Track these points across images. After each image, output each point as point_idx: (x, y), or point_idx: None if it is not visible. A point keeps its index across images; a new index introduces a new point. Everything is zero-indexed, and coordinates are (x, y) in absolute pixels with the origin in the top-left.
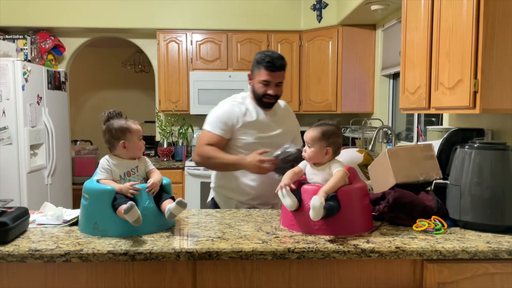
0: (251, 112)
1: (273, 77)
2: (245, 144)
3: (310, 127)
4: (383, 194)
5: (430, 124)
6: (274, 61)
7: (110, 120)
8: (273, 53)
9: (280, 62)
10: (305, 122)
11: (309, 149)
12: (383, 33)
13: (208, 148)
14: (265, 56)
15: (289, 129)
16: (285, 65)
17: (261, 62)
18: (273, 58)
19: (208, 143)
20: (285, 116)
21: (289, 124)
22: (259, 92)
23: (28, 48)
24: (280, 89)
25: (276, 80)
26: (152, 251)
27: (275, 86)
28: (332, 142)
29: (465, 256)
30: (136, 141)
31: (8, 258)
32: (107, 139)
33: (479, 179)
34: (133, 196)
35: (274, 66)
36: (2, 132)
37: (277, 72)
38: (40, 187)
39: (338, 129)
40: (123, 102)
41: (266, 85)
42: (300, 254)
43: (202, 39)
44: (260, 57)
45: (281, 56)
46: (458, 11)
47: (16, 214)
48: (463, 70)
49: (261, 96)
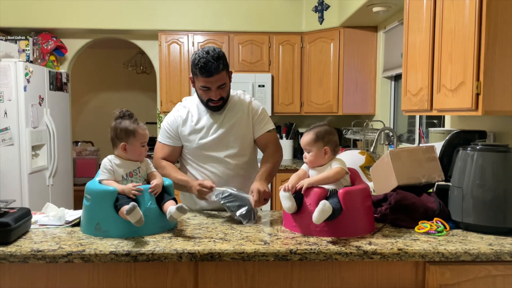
0: (193, 116)
1: (211, 82)
2: (189, 150)
3: (304, 133)
4: (385, 196)
5: (432, 126)
6: (208, 65)
7: (119, 119)
8: (208, 53)
9: (215, 65)
10: (307, 124)
11: (308, 154)
12: (385, 35)
13: (163, 163)
14: (198, 59)
15: (241, 121)
16: (222, 66)
17: (195, 68)
18: (206, 62)
19: (161, 154)
20: (235, 109)
21: (240, 116)
22: (202, 98)
23: (30, 49)
24: (224, 91)
25: (216, 84)
26: (154, 252)
27: (217, 89)
28: (328, 141)
29: (467, 258)
30: (138, 146)
31: (10, 259)
32: (111, 137)
33: (481, 181)
34: (135, 197)
35: (209, 71)
36: (3, 133)
37: (214, 75)
38: (42, 188)
39: (331, 127)
40: (125, 103)
41: (207, 90)
42: (302, 255)
43: (203, 40)
44: (193, 60)
45: (217, 56)
46: (461, 13)
47: (19, 215)
48: (465, 72)
49: (206, 102)
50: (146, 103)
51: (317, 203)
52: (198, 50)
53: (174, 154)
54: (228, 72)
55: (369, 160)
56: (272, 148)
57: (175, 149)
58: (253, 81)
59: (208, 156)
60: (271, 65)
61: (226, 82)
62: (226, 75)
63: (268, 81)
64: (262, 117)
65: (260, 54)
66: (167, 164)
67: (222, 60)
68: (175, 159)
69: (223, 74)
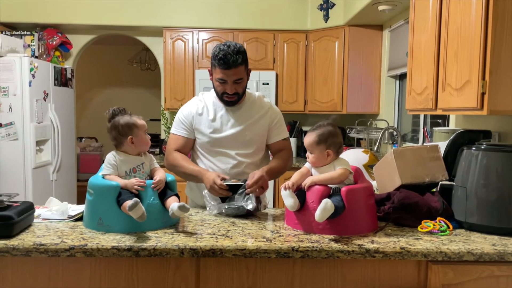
0: (209, 110)
1: (228, 75)
2: (201, 144)
3: (307, 132)
4: (388, 194)
5: (436, 126)
6: (227, 58)
7: (115, 117)
8: (229, 46)
9: (235, 58)
10: (310, 122)
11: (310, 155)
12: (390, 33)
13: (176, 154)
14: (218, 51)
15: (257, 123)
16: (240, 60)
17: (214, 59)
18: (226, 54)
19: (175, 146)
20: (253, 109)
21: (258, 117)
22: (218, 90)
23: (35, 45)
24: (240, 86)
25: (233, 78)
26: (156, 247)
27: (233, 83)
28: (330, 143)
29: (470, 258)
30: (143, 136)
31: (13, 252)
32: (114, 136)
33: (486, 181)
34: (138, 192)
35: (227, 63)
36: (8, 128)
37: (232, 69)
38: (45, 183)
39: (334, 128)
40: (129, 99)
41: (223, 83)
42: (304, 253)
43: (208, 37)
44: (213, 51)
45: (237, 50)
46: (467, 12)
47: (22, 208)
48: (471, 71)
49: (221, 95)
50: (150, 100)
51: (319, 201)
52: (220, 44)
53: (187, 146)
54: (246, 68)
55: (373, 159)
56: (286, 153)
57: (189, 141)
58: (257, 78)
59: (218, 151)
60: (276, 63)
61: (244, 78)
62: (244, 71)
63: (273, 79)
64: (280, 124)
65: (265, 51)
66: (179, 155)
67: (241, 55)
68: (188, 151)
69: (240, 69)
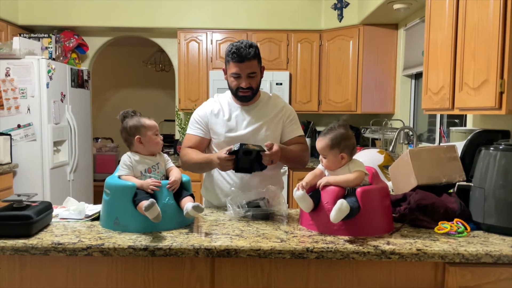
0: (224, 110)
1: (241, 69)
2: (216, 144)
3: (319, 136)
4: (404, 195)
5: (452, 126)
6: (240, 51)
7: (125, 120)
8: (241, 42)
9: (247, 51)
10: (324, 123)
11: (324, 159)
12: (406, 32)
13: (187, 150)
14: (231, 47)
15: (272, 122)
16: (253, 53)
17: (228, 54)
18: (239, 47)
19: (189, 144)
20: (268, 108)
21: (273, 115)
22: (232, 86)
23: (52, 47)
24: (254, 81)
25: (247, 71)
26: (171, 247)
27: (247, 77)
28: (344, 147)
29: (488, 260)
30: (152, 136)
31: (32, 251)
32: (124, 137)
33: (504, 181)
34: (153, 192)
35: (240, 56)
36: (26, 129)
37: (245, 62)
38: (63, 183)
39: (346, 130)
40: (144, 100)
41: (237, 77)
42: (319, 254)
43: (222, 38)
44: (227, 49)
45: (249, 44)
46: (484, 10)
47: (40, 208)
48: (488, 70)
49: (235, 91)
50: (165, 100)
51: (334, 201)
52: (231, 43)
53: (202, 145)
54: (260, 64)
55: (388, 159)
56: (303, 146)
57: (203, 140)
58: (270, 79)
59: None
60: (289, 63)
61: (257, 72)
62: (257, 65)
63: (286, 79)
64: (295, 121)
65: (278, 52)
66: (190, 150)
67: (254, 49)
68: (202, 151)
69: (254, 63)
